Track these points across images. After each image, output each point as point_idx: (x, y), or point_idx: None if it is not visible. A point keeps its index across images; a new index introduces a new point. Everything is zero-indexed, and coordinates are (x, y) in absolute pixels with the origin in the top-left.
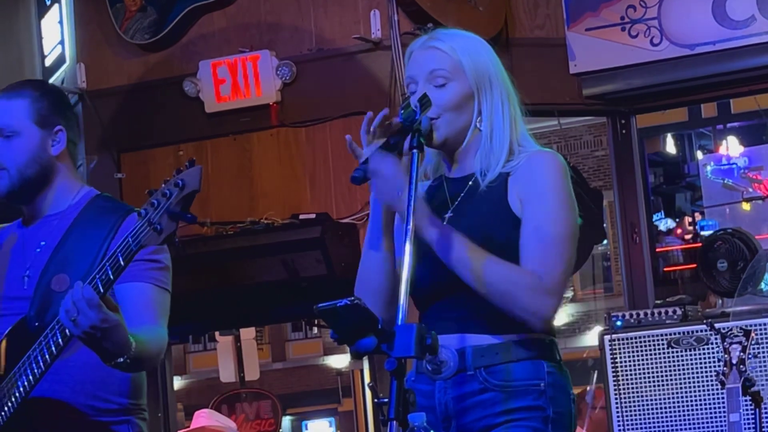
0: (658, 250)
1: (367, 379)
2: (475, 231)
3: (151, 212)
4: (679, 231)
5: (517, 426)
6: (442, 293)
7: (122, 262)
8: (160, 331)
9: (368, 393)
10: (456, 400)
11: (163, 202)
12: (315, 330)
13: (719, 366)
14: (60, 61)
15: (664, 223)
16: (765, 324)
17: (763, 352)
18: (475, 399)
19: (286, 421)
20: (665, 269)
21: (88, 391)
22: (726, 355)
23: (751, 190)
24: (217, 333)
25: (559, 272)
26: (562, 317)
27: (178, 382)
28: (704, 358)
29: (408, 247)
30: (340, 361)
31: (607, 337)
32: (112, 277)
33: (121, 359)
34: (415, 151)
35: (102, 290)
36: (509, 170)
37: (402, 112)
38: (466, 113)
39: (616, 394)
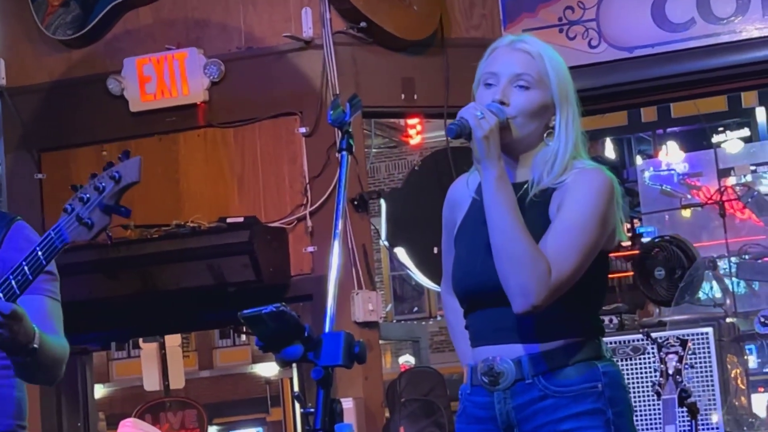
0: None
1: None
2: None
3: (80, 207)
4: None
5: None
6: (486, 302)
7: (43, 261)
8: (62, 341)
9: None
10: (517, 410)
11: (95, 196)
12: (243, 337)
13: (655, 376)
14: None
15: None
16: (702, 334)
17: (700, 363)
18: (536, 406)
19: (213, 430)
20: None
21: None
22: (662, 366)
23: (689, 196)
24: (141, 340)
25: (566, 273)
26: None
27: (100, 390)
28: (640, 369)
29: (336, 247)
30: (268, 369)
31: None
32: (30, 277)
33: (33, 345)
34: (344, 153)
35: (18, 291)
36: (557, 186)
37: (331, 112)
38: (537, 122)
39: None
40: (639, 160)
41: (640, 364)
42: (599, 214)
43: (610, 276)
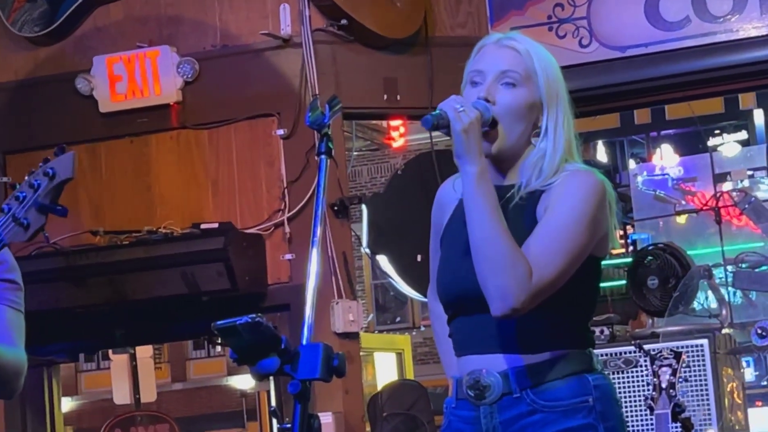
0: None
1: (274, 402)
2: None
3: (16, 206)
4: None
5: None
6: (471, 308)
7: None
8: (20, 353)
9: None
10: (504, 425)
11: (30, 194)
12: (218, 348)
13: (648, 390)
14: None
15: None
16: (697, 346)
17: (695, 376)
18: (524, 421)
19: None
20: None
21: None
22: (655, 379)
23: (684, 202)
24: (110, 351)
25: (547, 278)
26: None
27: (68, 404)
28: (632, 382)
29: (314, 255)
30: (244, 381)
31: None
32: None
33: None
34: (323, 156)
35: None
36: (545, 188)
37: (309, 114)
38: (525, 122)
39: None
40: (632, 163)
41: (632, 377)
42: (587, 218)
43: (601, 285)
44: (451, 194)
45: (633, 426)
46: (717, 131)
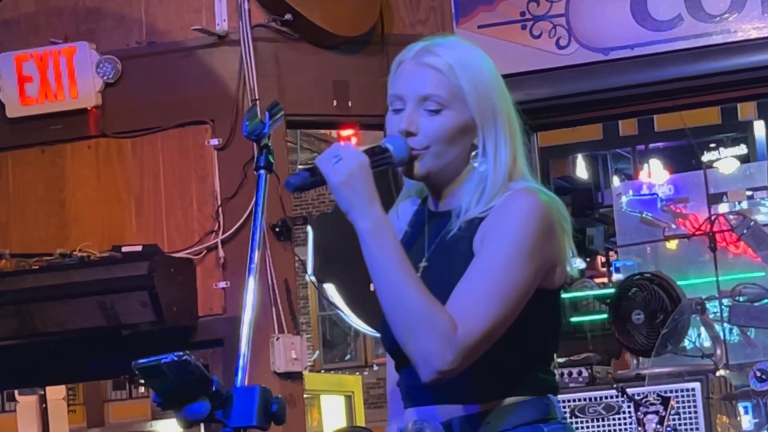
0: (562, 296)
1: None
2: (442, 287)
3: None
4: (589, 273)
5: None
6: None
7: None
8: None
9: None
10: None
11: None
12: (141, 389)
13: None
14: None
15: (572, 264)
16: (688, 390)
17: (685, 424)
18: None
19: None
20: (571, 320)
21: None
22: (640, 428)
23: (674, 226)
24: (16, 391)
25: (477, 331)
26: None
27: None
28: (614, 431)
29: (251, 283)
30: (171, 427)
31: None
32: None
33: None
34: (262, 171)
35: None
36: (485, 214)
37: (247, 123)
38: (458, 146)
39: None
40: (616, 181)
41: (614, 425)
42: (527, 249)
43: (579, 320)
44: (396, 223)
45: None
46: (712, 145)
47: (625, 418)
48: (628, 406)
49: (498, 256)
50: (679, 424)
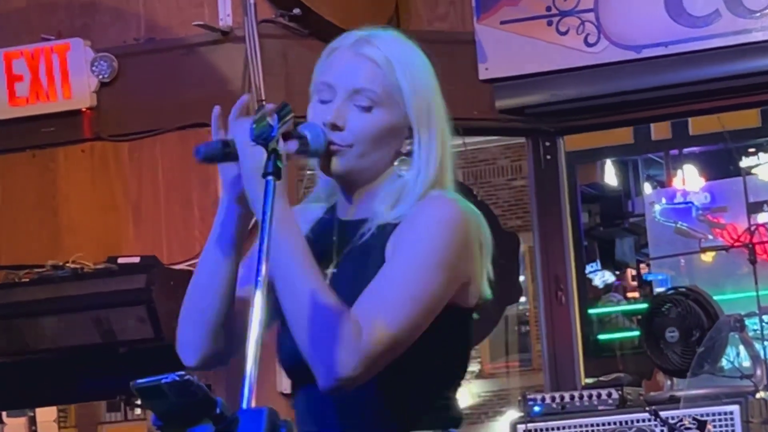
0: (590, 312)
1: None
2: (352, 295)
3: None
4: (619, 288)
5: None
6: (306, 375)
7: None
8: None
9: None
10: None
11: None
12: (137, 411)
13: None
14: None
15: (600, 277)
16: (725, 413)
17: None
18: None
19: None
20: (600, 337)
21: None
22: None
23: (711, 237)
24: (5, 413)
25: (382, 337)
26: (465, 398)
27: None
28: None
29: (258, 298)
30: None
31: (521, 427)
32: None
33: None
34: (270, 178)
35: None
36: (398, 221)
37: (253, 125)
38: (384, 148)
39: None
40: (648, 188)
41: None
42: (439, 256)
43: (608, 337)
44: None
45: None
46: (751, 150)
47: None
48: (662, 430)
49: (408, 262)
50: None
